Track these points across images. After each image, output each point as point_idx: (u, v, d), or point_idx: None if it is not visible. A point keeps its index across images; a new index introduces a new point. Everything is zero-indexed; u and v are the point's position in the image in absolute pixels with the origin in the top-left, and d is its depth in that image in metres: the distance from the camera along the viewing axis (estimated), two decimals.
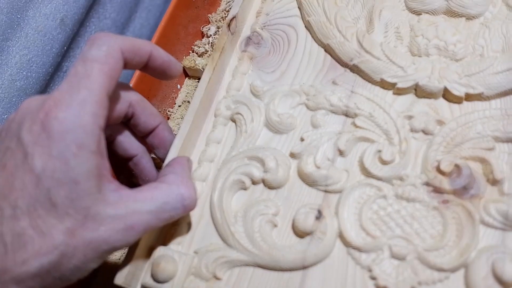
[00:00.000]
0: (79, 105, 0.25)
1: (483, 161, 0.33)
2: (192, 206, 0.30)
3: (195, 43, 0.46)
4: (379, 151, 0.34)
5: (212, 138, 0.37)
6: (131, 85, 0.38)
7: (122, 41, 0.28)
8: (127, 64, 0.29)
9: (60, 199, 0.24)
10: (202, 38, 0.48)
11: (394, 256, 0.31)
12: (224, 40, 0.40)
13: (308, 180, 0.34)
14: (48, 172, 0.24)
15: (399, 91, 0.37)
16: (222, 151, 0.37)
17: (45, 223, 0.24)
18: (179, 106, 0.44)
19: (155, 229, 0.31)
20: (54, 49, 0.50)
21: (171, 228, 0.34)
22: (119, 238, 0.26)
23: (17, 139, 0.25)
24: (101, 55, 0.26)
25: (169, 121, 0.43)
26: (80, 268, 0.26)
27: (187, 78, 0.46)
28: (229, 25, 0.41)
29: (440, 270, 0.30)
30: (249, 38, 0.42)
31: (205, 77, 0.38)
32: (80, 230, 0.25)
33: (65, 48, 0.52)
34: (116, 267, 0.32)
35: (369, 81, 0.38)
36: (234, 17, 0.41)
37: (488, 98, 0.35)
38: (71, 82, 0.26)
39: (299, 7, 0.43)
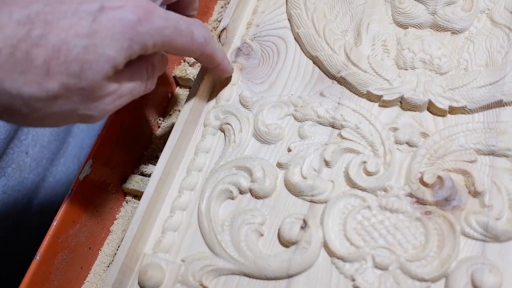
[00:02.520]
0: None
1: (465, 173, 0.34)
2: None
3: None
4: (364, 162, 0.35)
5: (201, 148, 0.38)
6: None
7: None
8: None
9: None
10: None
11: (377, 266, 0.31)
12: None
13: (294, 190, 0.35)
14: None
15: (385, 104, 0.37)
16: (210, 161, 0.38)
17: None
18: (170, 115, 0.45)
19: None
20: None
21: (159, 236, 0.35)
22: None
23: None
24: None
25: (159, 129, 0.44)
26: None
27: (178, 87, 0.47)
28: (219, 37, 0.42)
29: (421, 280, 0.30)
30: (239, 49, 0.43)
31: (194, 87, 0.39)
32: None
33: None
34: None
35: (356, 93, 0.38)
36: (224, 29, 0.42)
37: (471, 111, 0.36)
38: None
39: (289, 19, 0.44)
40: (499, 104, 0.36)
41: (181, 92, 0.46)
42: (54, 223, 0.35)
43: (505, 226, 0.31)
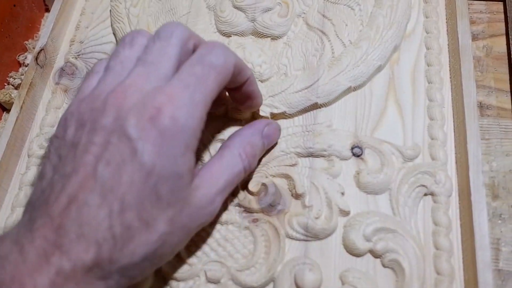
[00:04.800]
0: (193, 107, 0.27)
1: (287, 177, 0.35)
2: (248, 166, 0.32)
3: (10, 74, 0.44)
4: None
5: (25, 181, 0.36)
6: None
7: (235, 57, 0.30)
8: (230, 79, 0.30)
9: (164, 192, 0.26)
10: (20, 67, 0.45)
11: (209, 280, 0.32)
12: (31, 75, 0.38)
13: None
14: (157, 169, 0.25)
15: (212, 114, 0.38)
16: None
17: (150, 215, 0.25)
18: None
19: None
20: None
21: None
22: (207, 219, 0.29)
23: (121, 133, 0.25)
24: (219, 64, 0.28)
25: None
26: (172, 252, 0.28)
27: (4, 112, 0.43)
28: (36, 58, 0.39)
29: None
30: (62, 70, 0.41)
31: (11, 117, 0.36)
32: (178, 218, 0.27)
33: None
34: None
35: None
36: (42, 49, 0.40)
37: (291, 116, 0.38)
38: (187, 81, 0.27)
39: (114, 34, 0.42)
40: (315, 106, 0.38)
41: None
42: None
43: (323, 224, 0.33)
